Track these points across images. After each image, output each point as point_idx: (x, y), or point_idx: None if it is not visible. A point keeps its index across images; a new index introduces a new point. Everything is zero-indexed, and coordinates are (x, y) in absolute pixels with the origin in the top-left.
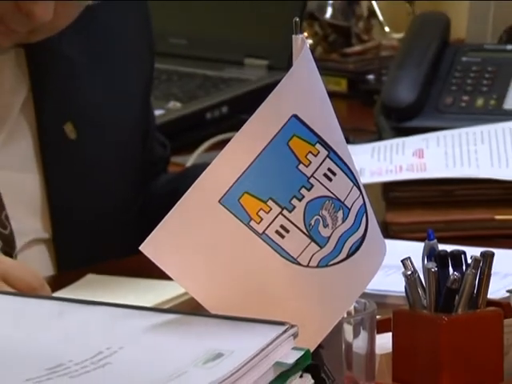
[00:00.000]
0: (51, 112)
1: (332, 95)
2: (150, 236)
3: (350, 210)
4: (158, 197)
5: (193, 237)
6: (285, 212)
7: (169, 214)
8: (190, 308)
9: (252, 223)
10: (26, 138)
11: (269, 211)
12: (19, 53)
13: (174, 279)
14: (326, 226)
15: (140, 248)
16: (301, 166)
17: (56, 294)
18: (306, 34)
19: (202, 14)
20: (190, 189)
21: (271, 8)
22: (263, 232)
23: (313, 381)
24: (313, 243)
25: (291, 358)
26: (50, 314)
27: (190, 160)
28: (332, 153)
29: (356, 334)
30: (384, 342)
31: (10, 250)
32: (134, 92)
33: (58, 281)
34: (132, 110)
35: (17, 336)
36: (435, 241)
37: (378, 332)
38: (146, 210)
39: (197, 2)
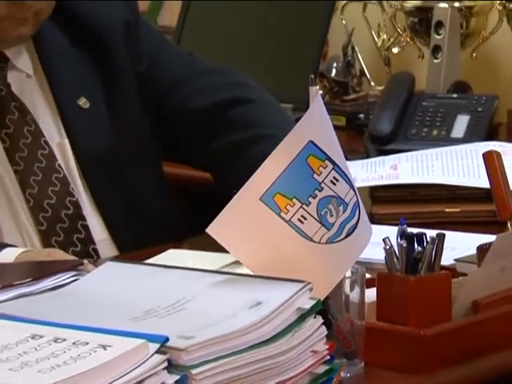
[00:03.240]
0: (64, 84)
1: (335, 128)
2: (212, 223)
3: (347, 204)
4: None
5: (243, 223)
6: (304, 206)
7: (225, 208)
8: (239, 271)
9: (282, 214)
10: None
11: (293, 205)
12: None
13: (229, 251)
14: (331, 215)
15: (206, 230)
16: (315, 175)
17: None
18: (318, 86)
19: (246, 70)
20: (241, 190)
21: (295, 69)
22: (289, 220)
23: (322, 320)
24: (323, 227)
25: (308, 304)
26: (144, 274)
27: None
28: (336, 166)
29: (352, 289)
30: (371, 294)
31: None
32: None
33: (147, 253)
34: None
35: (123, 290)
36: (405, 226)
37: (367, 287)
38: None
39: (241, 59)
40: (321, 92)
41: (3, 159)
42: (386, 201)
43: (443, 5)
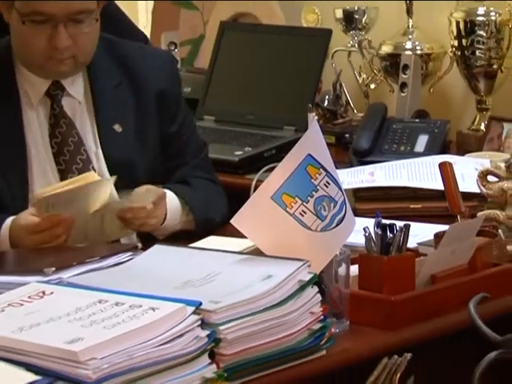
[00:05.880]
0: (105, 113)
1: (327, 144)
2: (235, 216)
3: (337, 202)
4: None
5: (258, 216)
6: (304, 203)
7: (245, 204)
8: (255, 252)
9: (287, 209)
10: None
11: (296, 203)
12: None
13: (248, 238)
14: (325, 210)
15: (231, 221)
16: (312, 180)
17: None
18: (314, 113)
19: (260, 100)
20: (256, 191)
21: (297, 100)
22: (293, 213)
23: (318, 289)
24: (318, 219)
25: (307, 277)
26: (184, 255)
27: (256, 176)
28: (328, 173)
29: (340, 265)
30: (354, 269)
31: None
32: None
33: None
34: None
35: (167, 266)
36: (380, 218)
37: (351, 264)
38: None
39: (257, 93)
40: (316, 117)
41: (51, 160)
42: (365, 199)
43: (408, 52)
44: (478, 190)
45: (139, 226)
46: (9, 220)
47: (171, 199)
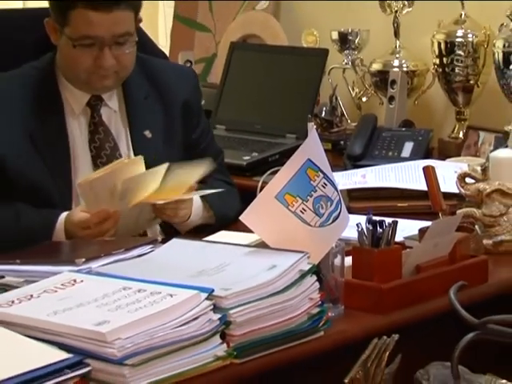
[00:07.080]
0: (137, 121)
1: (325, 150)
2: (243, 213)
3: (333, 201)
4: None
5: (264, 213)
6: (304, 202)
7: (252, 203)
8: (261, 245)
9: (289, 207)
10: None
11: (297, 202)
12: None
13: (255, 232)
14: (322, 208)
15: (240, 218)
16: (311, 181)
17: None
18: (313, 123)
19: (266, 111)
20: (262, 191)
21: (298, 111)
22: (294, 211)
23: (316, 278)
24: (316, 216)
25: (307, 267)
26: (198, 247)
27: (262, 178)
28: (325, 175)
29: (335, 257)
30: (348, 260)
31: None
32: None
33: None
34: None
35: (184, 257)
36: (371, 215)
37: (346, 256)
38: None
39: (262, 105)
40: (315, 127)
41: (90, 163)
42: (358, 198)
43: (396, 69)
44: (457, 191)
45: (169, 217)
46: (63, 215)
47: (194, 197)
